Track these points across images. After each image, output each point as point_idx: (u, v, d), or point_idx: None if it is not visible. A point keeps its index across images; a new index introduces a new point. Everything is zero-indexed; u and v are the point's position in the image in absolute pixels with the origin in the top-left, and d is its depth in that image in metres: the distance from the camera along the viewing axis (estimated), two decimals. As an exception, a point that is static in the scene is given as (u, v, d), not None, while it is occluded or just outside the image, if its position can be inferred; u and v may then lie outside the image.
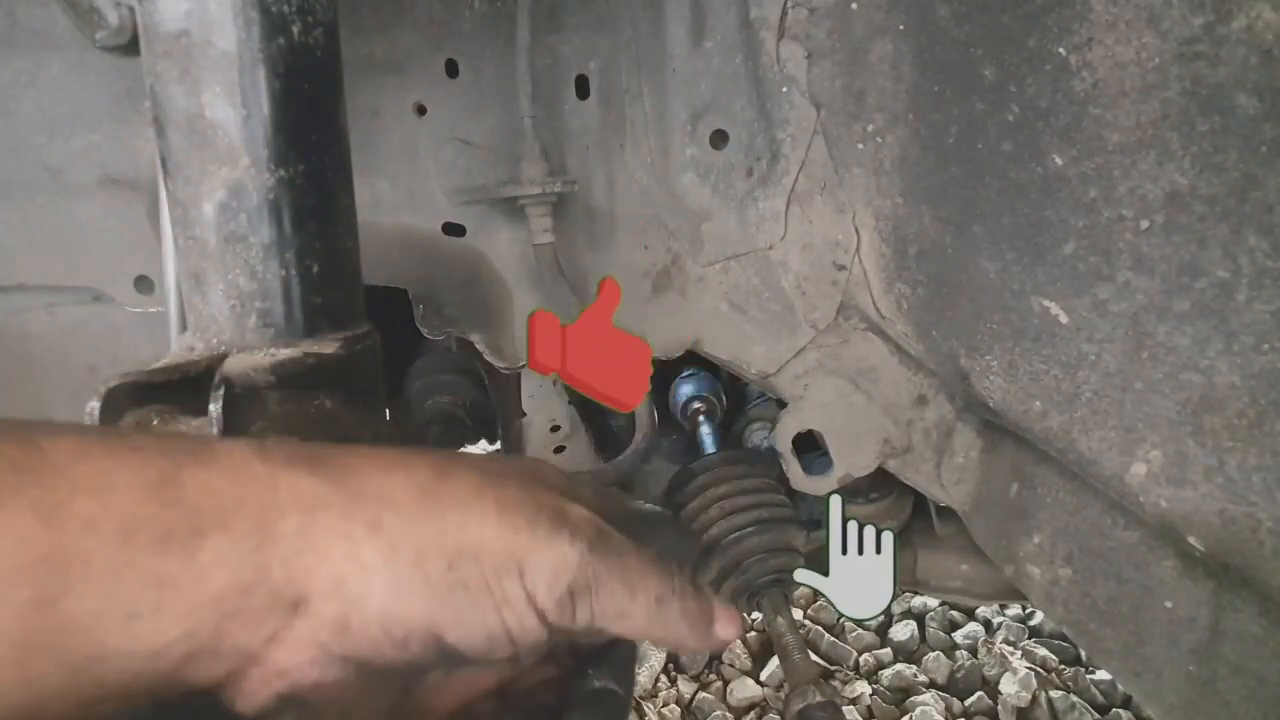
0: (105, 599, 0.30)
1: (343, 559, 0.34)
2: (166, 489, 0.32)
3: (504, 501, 0.38)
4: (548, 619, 0.37)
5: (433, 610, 0.36)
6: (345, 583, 0.34)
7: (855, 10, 0.61)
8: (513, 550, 0.37)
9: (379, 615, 0.35)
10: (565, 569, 0.37)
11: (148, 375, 0.44)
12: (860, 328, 0.71)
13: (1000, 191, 0.51)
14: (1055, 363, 0.50)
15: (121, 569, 0.30)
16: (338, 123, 0.51)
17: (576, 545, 0.38)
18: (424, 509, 0.37)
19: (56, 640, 0.29)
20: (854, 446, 0.72)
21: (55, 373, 0.81)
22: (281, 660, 0.35)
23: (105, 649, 0.30)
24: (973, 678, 1.78)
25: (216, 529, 0.32)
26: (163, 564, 0.31)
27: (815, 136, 0.66)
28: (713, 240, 0.72)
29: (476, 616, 0.36)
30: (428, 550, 0.36)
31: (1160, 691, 0.50)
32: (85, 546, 0.30)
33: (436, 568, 0.36)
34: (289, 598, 0.34)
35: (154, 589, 0.31)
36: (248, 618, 0.33)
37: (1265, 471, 0.41)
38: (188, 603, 0.31)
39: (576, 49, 0.72)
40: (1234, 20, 0.38)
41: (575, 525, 0.39)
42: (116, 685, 0.31)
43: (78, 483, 0.30)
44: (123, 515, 0.31)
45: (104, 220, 0.75)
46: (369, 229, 0.55)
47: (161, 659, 0.31)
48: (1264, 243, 0.39)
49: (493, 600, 0.36)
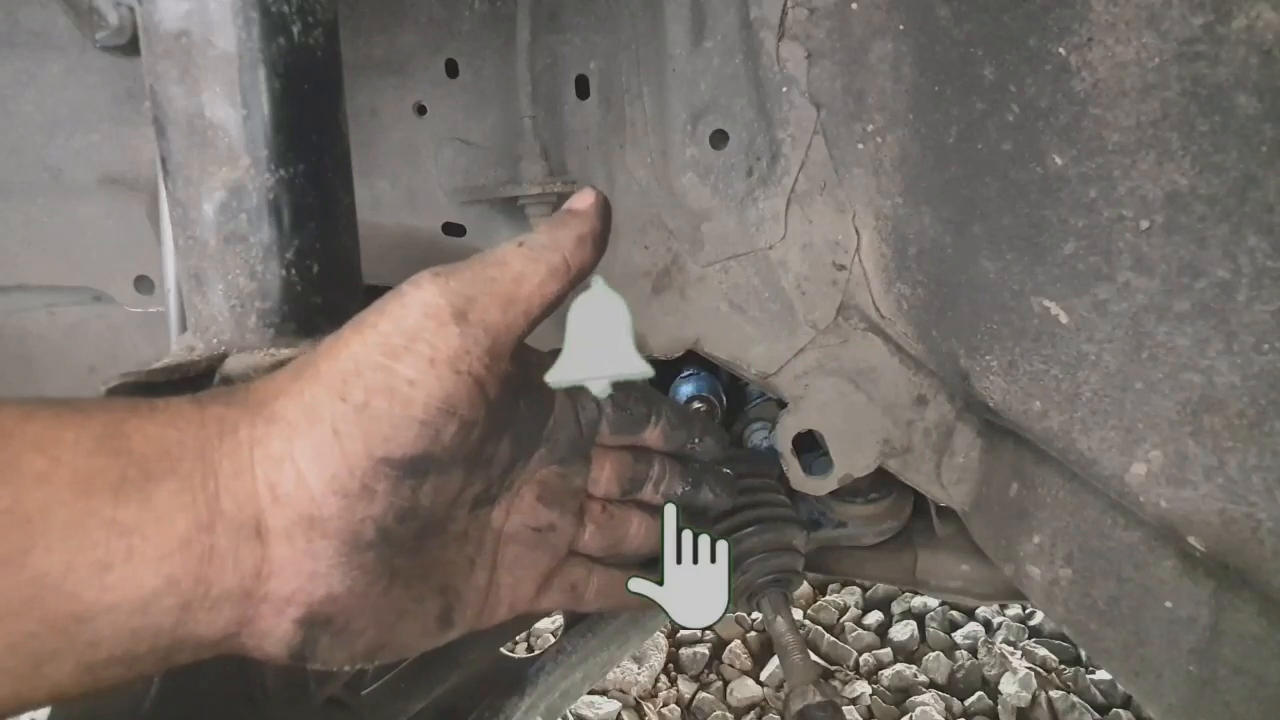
0: (73, 551, 0.30)
1: (265, 463, 0.34)
2: (113, 440, 0.32)
3: (360, 321, 0.38)
4: (459, 364, 0.37)
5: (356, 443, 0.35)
6: (277, 483, 0.34)
7: (855, 10, 0.61)
8: (385, 341, 0.36)
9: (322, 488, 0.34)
10: (435, 306, 0.37)
11: (148, 375, 0.44)
12: (860, 328, 0.71)
13: (1000, 191, 0.51)
14: (1055, 363, 0.50)
15: (82, 519, 0.30)
16: (338, 123, 0.51)
17: (426, 281, 0.37)
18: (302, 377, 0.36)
19: (33, 597, 0.29)
20: (854, 446, 0.72)
21: (55, 373, 0.81)
22: (281, 588, 0.35)
23: (86, 605, 0.30)
24: (973, 678, 1.78)
25: (165, 473, 0.32)
26: (122, 512, 0.31)
27: (815, 136, 0.66)
28: (713, 240, 0.72)
29: (397, 414, 0.35)
30: (317, 402, 0.35)
31: (1160, 691, 0.50)
32: (41, 499, 0.30)
33: (331, 409, 0.35)
34: (248, 524, 0.34)
35: (119, 537, 0.31)
36: (222, 556, 0.33)
37: (1265, 471, 0.41)
38: (157, 549, 0.31)
39: (576, 49, 0.72)
40: (1234, 20, 0.38)
41: (417, 281, 0.38)
42: (114, 645, 0.31)
43: (25, 441, 0.31)
44: (74, 467, 0.31)
45: (104, 220, 0.75)
46: (369, 229, 0.55)
47: (151, 612, 0.31)
48: (1264, 243, 0.39)
49: (399, 393, 0.35)
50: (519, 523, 0.46)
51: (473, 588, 0.44)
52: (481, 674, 0.84)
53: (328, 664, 0.37)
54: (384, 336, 0.36)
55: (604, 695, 1.73)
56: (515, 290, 0.39)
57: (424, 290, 0.37)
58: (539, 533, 0.47)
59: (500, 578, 0.46)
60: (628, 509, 0.51)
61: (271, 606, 0.35)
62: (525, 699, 0.83)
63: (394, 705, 0.78)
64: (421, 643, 0.42)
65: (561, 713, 0.95)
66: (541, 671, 0.84)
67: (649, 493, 0.51)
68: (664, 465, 0.51)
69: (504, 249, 0.40)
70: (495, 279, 0.38)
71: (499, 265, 0.39)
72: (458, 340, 0.37)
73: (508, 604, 0.46)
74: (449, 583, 0.43)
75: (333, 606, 0.36)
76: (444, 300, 0.37)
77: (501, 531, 0.46)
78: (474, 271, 0.38)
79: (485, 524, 0.45)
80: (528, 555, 0.47)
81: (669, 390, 0.92)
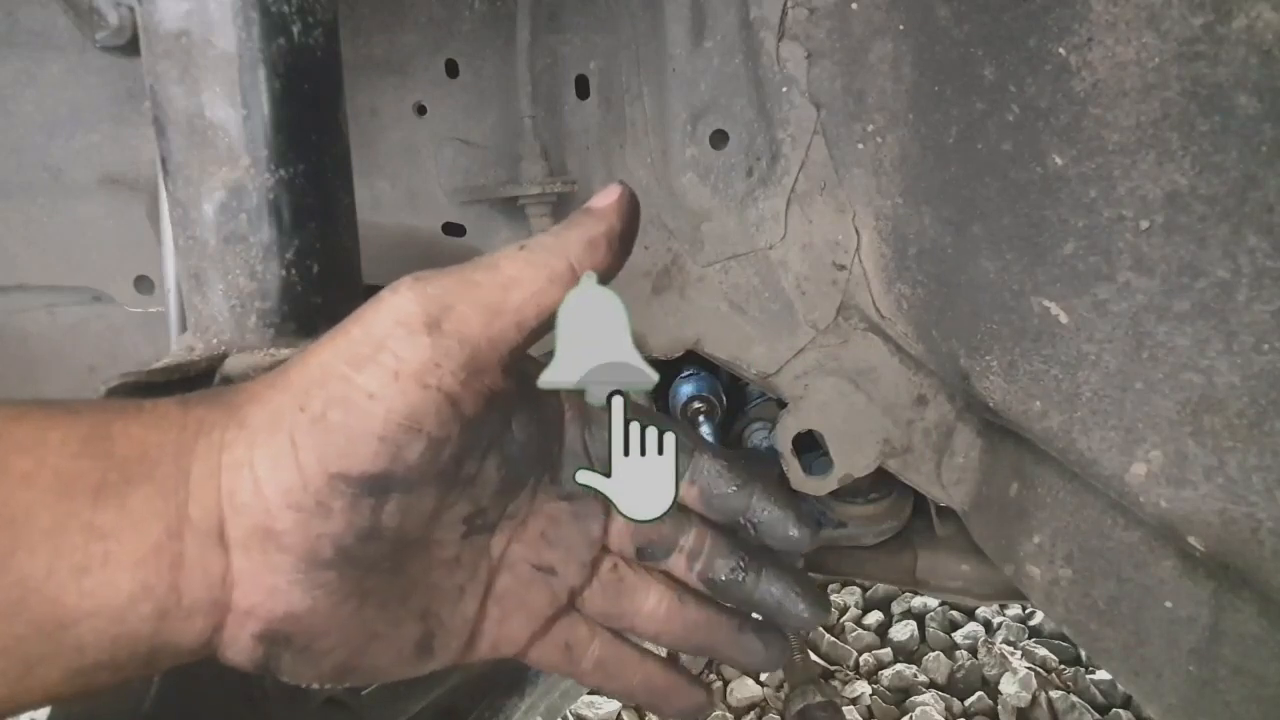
0: (53, 554, 0.30)
1: (228, 469, 0.33)
2: (98, 442, 0.31)
3: (338, 326, 0.35)
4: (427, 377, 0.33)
5: (311, 456, 0.32)
6: (235, 491, 0.33)
7: (855, 10, 0.60)
8: (352, 349, 0.34)
9: (278, 501, 0.32)
10: (407, 314, 0.34)
11: (148, 375, 0.43)
12: (860, 328, 0.71)
13: (1000, 191, 0.51)
14: (1055, 363, 0.50)
15: (63, 522, 0.30)
16: (338, 123, 0.51)
17: (404, 286, 0.34)
18: (276, 384, 0.34)
19: (20, 600, 0.29)
20: (854, 446, 0.72)
21: (55, 373, 0.81)
22: (241, 600, 0.33)
23: (68, 610, 0.30)
24: (973, 678, 1.78)
25: (142, 477, 0.32)
26: (100, 516, 0.31)
27: (815, 136, 0.66)
28: (713, 240, 0.72)
29: (353, 428, 0.33)
30: (280, 409, 0.33)
31: (1160, 691, 0.50)
32: (25, 501, 0.30)
33: (292, 419, 0.33)
34: (212, 532, 0.32)
35: (97, 541, 0.30)
36: (191, 564, 0.32)
37: (1265, 471, 0.41)
38: (131, 555, 0.31)
39: (576, 49, 0.72)
40: (1234, 20, 0.38)
41: (396, 285, 0.35)
42: (97, 652, 0.31)
43: (13, 443, 0.30)
44: (57, 469, 0.30)
45: (104, 220, 0.75)
46: (369, 229, 0.55)
47: (129, 619, 0.31)
48: (1264, 243, 0.39)
49: (356, 406, 0.33)
50: (519, 555, 0.42)
51: (459, 617, 0.40)
52: (481, 674, 0.84)
53: (296, 680, 0.36)
54: (352, 344, 0.34)
55: (604, 695, 1.73)
56: (502, 298, 0.35)
57: (399, 296, 0.34)
58: (538, 571, 0.42)
59: (489, 609, 0.41)
60: (646, 578, 0.43)
61: (235, 618, 0.33)
62: (525, 699, 0.83)
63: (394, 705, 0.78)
64: (397, 670, 0.39)
65: (561, 713, 0.95)
66: (542, 672, 0.84)
67: (679, 566, 0.43)
68: (702, 536, 0.43)
69: (500, 252, 0.36)
70: (479, 285, 0.35)
71: (488, 270, 0.35)
72: (427, 352, 0.33)
73: (493, 641, 0.42)
74: (432, 609, 0.39)
75: (293, 624, 0.34)
76: (417, 307, 0.34)
77: (500, 561, 0.41)
78: (457, 277, 0.35)
79: (483, 551, 0.41)
80: (522, 592, 0.42)
81: (669, 390, 0.92)
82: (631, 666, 0.44)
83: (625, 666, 0.44)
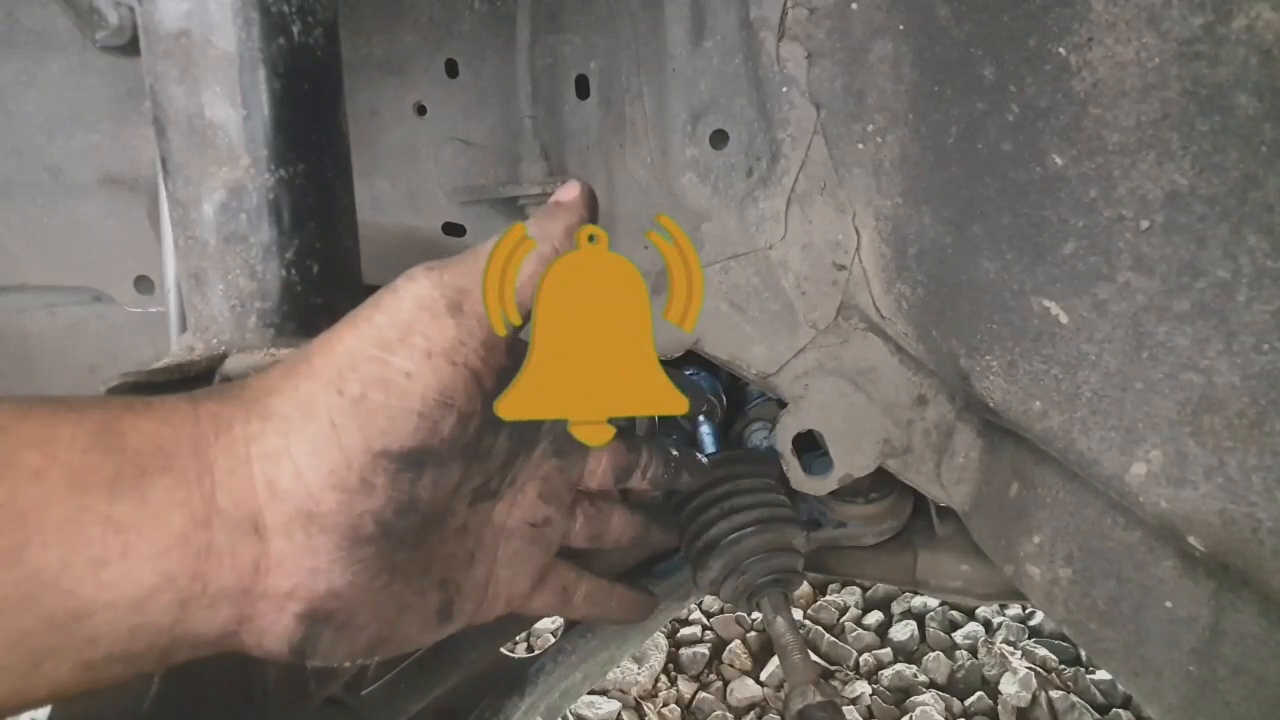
0: (69, 548, 0.30)
1: (261, 459, 0.34)
2: (108, 437, 0.32)
3: (355, 316, 0.37)
4: (455, 355, 0.36)
5: (354, 436, 0.35)
6: (275, 479, 0.34)
7: (855, 10, 0.60)
8: (380, 334, 0.36)
9: (320, 483, 0.34)
10: (430, 299, 0.36)
11: (148, 375, 0.44)
12: (860, 328, 0.71)
13: (1000, 191, 0.51)
14: (1055, 363, 0.50)
15: (78, 515, 0.30)
16: (338, 123, 0.51)
17: (419, 275, 0.37)
18: (296, 373, 0.36)
19: (30, 594, 0.29)
20: (854, 446, 0.72)
21: (55, 373, 0.81)
22: (280, 584, 0.34)
23: (83, 602, 0.30)
24: (973, 678, 1.78)
25: (160, 469, 0.32)
26: (118, 508, 0.31)
27: (815, 136, 0.66)
28: (713, 240, 0.72)
29: (394, 407, 0.35)
30: (312, 396, 0.35)
31: (1160, 691, 0.50)
32: (35, 495, 0.30)
33: (328, 403, 0.35)
34: (245, 520, 0.34)
35: (115, 534, 0.31)
36: (220, 553, 0.33)
37: (1265, 471, 0.41)
38: (153, 546, 0.31)
39: (576, 49, 0.72)
40: (1234, 20, 0.38)
41: (411, 274, 0.38)
42: (111, 643, 0.31)
43: (21, 439, 0.30)
44: (68, 465, 0.31)
45: (104, 220, 0.75)
46: (369, 229, 0.55)
47: (149, 610, 0.31)
48: (1264, 243, 0.39)
49: (395, 385, 0.35)
50: (519, 517, 0.47)
51: (472, 581, 0.44)
52: (481, 674, 0.84)
53: (328, 660, 0.37)
54: (379, 330, 0.36)
55: (604, 695, 1.73)
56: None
57: (417, 283, 0.37)
58: (535, 528, 0.47)
59: (499, 572, 0.46)
60: (611, 503, 0.54)
61: (271, 603, 0.34)
62: (525, 699, 0.83)
63: (394, 705, 0.78)
64: (422, 637, 0.42)
65: (561, 713, 0.95)
66: (541, 671, 0.84)
67: (637, 479, 0.53)
68: (650, 453, 0.54)
69: (495, 241, 0.40)
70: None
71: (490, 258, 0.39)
72: (453, 332, 0.36)
73: (504, 599, 0.47)
74: (449, 576, 0.43)
75: (334, 602, 0.36)
76: (438, 293, 0.37)
77: (503, 527, 0.46)
78: (467, 264, 0.38)
79: (486, 519, 0.45)
80: (525, 550, 0.47)
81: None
82: (608, 594, 0.55)
83: (605, 595, 0.54)
